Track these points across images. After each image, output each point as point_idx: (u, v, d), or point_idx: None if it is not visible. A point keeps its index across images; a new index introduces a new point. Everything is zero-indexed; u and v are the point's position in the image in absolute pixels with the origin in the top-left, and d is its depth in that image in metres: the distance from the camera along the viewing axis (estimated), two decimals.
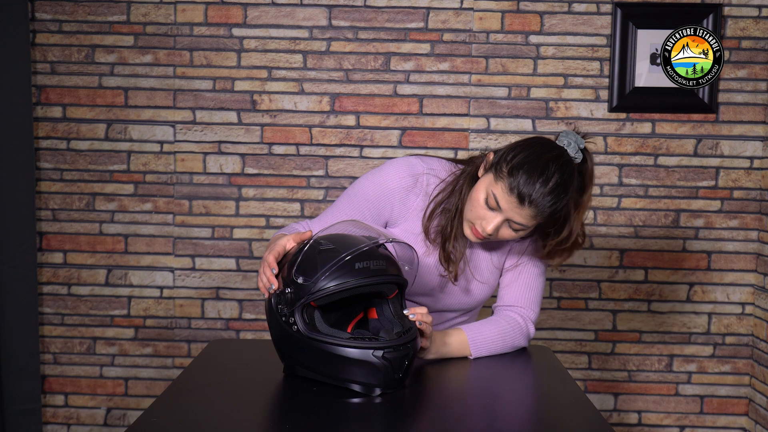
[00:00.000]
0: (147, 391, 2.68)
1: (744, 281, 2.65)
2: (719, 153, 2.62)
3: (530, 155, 1.43)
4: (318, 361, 1.31)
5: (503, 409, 1.34)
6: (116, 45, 2.60)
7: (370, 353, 1.26)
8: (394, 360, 1.27)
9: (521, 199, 1.41)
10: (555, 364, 1.58)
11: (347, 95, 2.61)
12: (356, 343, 1.27)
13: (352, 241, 1.33)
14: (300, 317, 1.30)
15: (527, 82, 2.60)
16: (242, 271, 2.65)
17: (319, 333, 1.30)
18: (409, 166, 1.57)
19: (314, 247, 1.33)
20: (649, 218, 2.64)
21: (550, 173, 1.40)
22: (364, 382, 1.28)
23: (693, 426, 2.69)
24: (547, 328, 2.67)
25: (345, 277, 1.28)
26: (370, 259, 1.31)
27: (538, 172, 1.40)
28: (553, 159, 1.42)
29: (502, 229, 1.48)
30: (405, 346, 1.30)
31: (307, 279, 1.29)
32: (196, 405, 1.27)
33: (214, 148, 2.63)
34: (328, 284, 1.28)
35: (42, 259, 2.65)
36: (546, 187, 1.40)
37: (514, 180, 1.41)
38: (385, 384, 1.29)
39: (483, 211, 1.47)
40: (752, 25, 2.58)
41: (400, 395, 1.31)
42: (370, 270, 1.30)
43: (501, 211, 1.45)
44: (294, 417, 1.23)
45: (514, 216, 1.45)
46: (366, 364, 1.27)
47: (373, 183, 1.58)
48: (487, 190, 1.46)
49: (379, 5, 2.58)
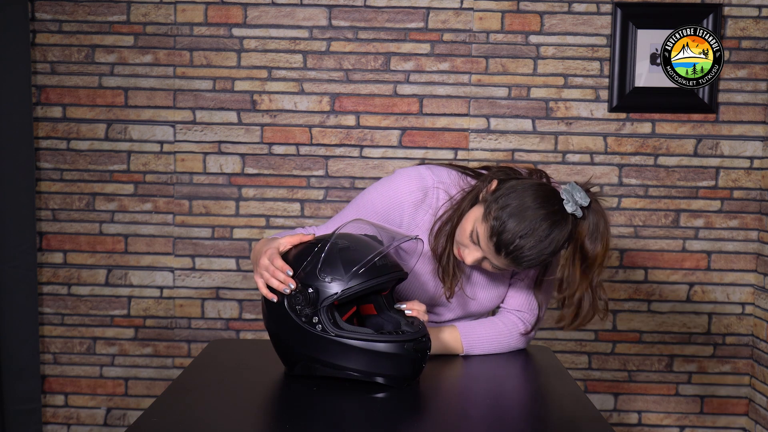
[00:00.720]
0: (147, 391, 2.68)
1: (744, 281, 2.65)
2: (719, 153, 2.62)
3: (521, 205, 1.37)
4: (345, 358, 1.33)
5: (503, 408, 1.34)
6: (116, 45, 2.60)
7: (403, 346, 1.31)
8: (420, 351, 1.33)
9: (498, 249, 1.38)
10: (555, 364, 1.58)
11: (347, 95, 2.61)
12: (387, 338, 1.31)
13: (368, 240, 1.38)
14: (325, 316, 1.32)
15: (527, 82, 2.60)
16: (242, 271, 2.65)
17: (345, 330, 1.32)
18: (419, 178, 1.54)
19: (334, 247, 1.34)
20: (649, 218, 2.64)
21: (535, 229, 1.35)
22: (396, 375, 1.33)
23: (693, 426, 2.69)
24: (547, 328, 2.67)
25: (370, 273, 1.32)
26: (384, 256, 1.36)
27: (524, 226, 1.35)
28: (544, 216, 1.36)
29: (483, 262, 1.47)
30: (428, 338, 1.36)
31: (336, 278, 1.31)
32: (196, 405, 1.27)
33: (214, 148, 2.63)
34: (358, 282, 1.31)
35: (42, 259, 2.65)
36: (528, 243, 1.36)
37: (496, 226, 1.37)
38: (413, 375, 1.34)
39: (467, 240, 1.45)
40: (752, 25, 2.58)
41: (400, 395, 1.31)
42: (387, 266, 1.35)
43: (481, 249, 1.43)
44: (294, 417, 1.23)
45: (491, 258, 1.43)
46: (398, 357, 1.31)
47: (382, 195, 1.55)
48: (474, 224, 1.43)
49: (379, 5, 2.58)
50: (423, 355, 1.34)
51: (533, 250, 1.36)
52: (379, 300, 1.43)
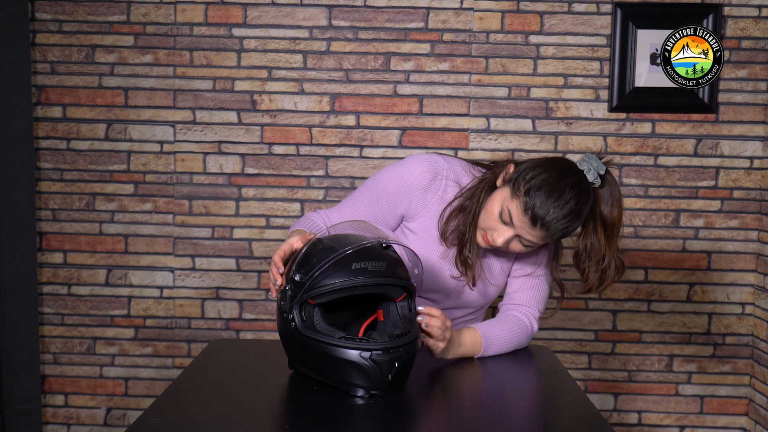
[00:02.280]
0: (147, 391, 2.68)
1: (744, 281, 2.65)
2: (719, 153, 2.62)
3: (549, 177, 1.44)
4: (312, 359, 1.31)
5: (503, 408, 1.34)
6: (116, 45, 2.60)
7: (358, 354, 1.25)
8: (383, 363, 1.25)
9: (534, 221, 1.44)
10: (555, 364, 1.58)
11: (347, 95, 2.61)
12: (345, 343, 1.26)
13: (353, 241, 1.31)
14: (297, 314, 1.30)
15: (527, 82, 2.60)
16: (242, 271, 2.66)
17: (313, 331, 1.29)
18: (431, 162, 1.59)
19: (315, 246, 1.32)
20: (649, 218, 2.64)
21: (565, 198, 1.42)
22: (352, 383, 1.28)
23: (693, 426, 2.69)
24: (547, 328, 2.67)
25: (340, 276, 1.27)
26: (369, 260, 1.29)
27: (555, 196, 1.42)
28: (571, 184, 1.44)
29: (512, 242, 1.51)
30: (396, 350, 1.27)
31: (303, 276, 1.29)
32: (196, 405, 1.27)
33: (214, 148, 2.63)
34: (321, 282, 1.27)
35: (42, 259, 2.65)
36: (560, 212, 1.42)
37: (530, 200, 1.43)
38: (373, 386, 1.27)
39: (495, 223, 1.49)
40: (752, 25, 2.58)
41: (399, 395, 1.31)
42: (367, 271, 1.28)
43: (513, 227, 1.48)
44: (294, 417, 1.23)
45: (524, 234, 1.47)
46: (354, 365, 1.25)
47: (393, 176, 1.59)
48: (503, 204, 1.48)
49: (379, 5, 2.58)
50: (386, 367, 1.25)
51: (566, 219, 1.43)
52: (389, 306, 1.38)
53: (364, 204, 1.61)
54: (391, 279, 1.31)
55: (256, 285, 2.66)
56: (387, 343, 1.27)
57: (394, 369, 1.26)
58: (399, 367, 1.27)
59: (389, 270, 1.31)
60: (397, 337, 1.31)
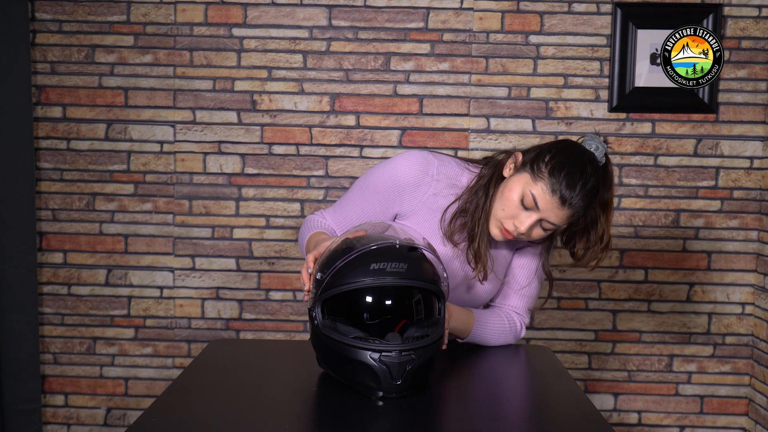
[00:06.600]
0: (147, 391, 2.68)
1: (744, 281, 2.65)
2: (719, 153, 2.62)
3: (569, 157, 1.45)
4: (331, 358, 1.32)
5: (503, 408, 1.34)
6: (116, 45, 2.60)
7: (368, 355, 1.24)
8: (392, 365, 1.23)
9: (563, 201, 1.43)
10: (555, 364, 1.58)
11: (347, 95, 2.61)
12: (357, 343, 1.25)
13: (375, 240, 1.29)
14: (319, 312, 1.30)
15: (527, 82, 2.60)
16: (242, 271, 2.66)
17: (332, 330, 1.29)
18: (421, 158, 1.58)
19: (339, 246, 1.31)
20: (649, 218, 2.64)
21: (588, 176, 1.43)
22: (364, 383, 1.27)
23: (693, 426, 2.69)
24: (547, 328, 2.67)
25: (355, 276, 1.25)
26: (389, 261, 1.25)
27: (579, 175, 1.42)
28: (589, 162, 1.45)
29: (535, 228, 1.49)
30: (407, 353, 1.24)
31: (322, 275, 1.29)
32: (196, 405, 1.27)
33: (214, 148, 2.63)
34: (337, 282, 1.27)
35: (42, 259, 2.65)
36: (585, 190, 1.43)
37: (556, 181, 1.42)
38: (382, 389, 1.26)
39: (516, 210, 1.47)
40: (752, 25, 2.58)
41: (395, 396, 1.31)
42: (385, 272, 1.25)
43: (538, 211, 1.46)
44: (294, 417, 1.23)
45: (550, 216, 1.46)
46: (364, 366, 1.25)
47: (383, 175, 1.58)
48: (524, 189, 1.46)
49: (379, 5, 2.58)
50: (396, 370, 1.23)
51: (589, 196, 1.44)
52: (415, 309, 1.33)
53: (356, 204, 1.60)
54: (406, 281, 1.26)
55: (256, 285, 2.66)
56: (398, 345, 1.24)
57: (404, 372, 1.24)
58: (410, 370, 1.25)
59: (410, 272, 1.27)
60: (413, 340, 1.28)
